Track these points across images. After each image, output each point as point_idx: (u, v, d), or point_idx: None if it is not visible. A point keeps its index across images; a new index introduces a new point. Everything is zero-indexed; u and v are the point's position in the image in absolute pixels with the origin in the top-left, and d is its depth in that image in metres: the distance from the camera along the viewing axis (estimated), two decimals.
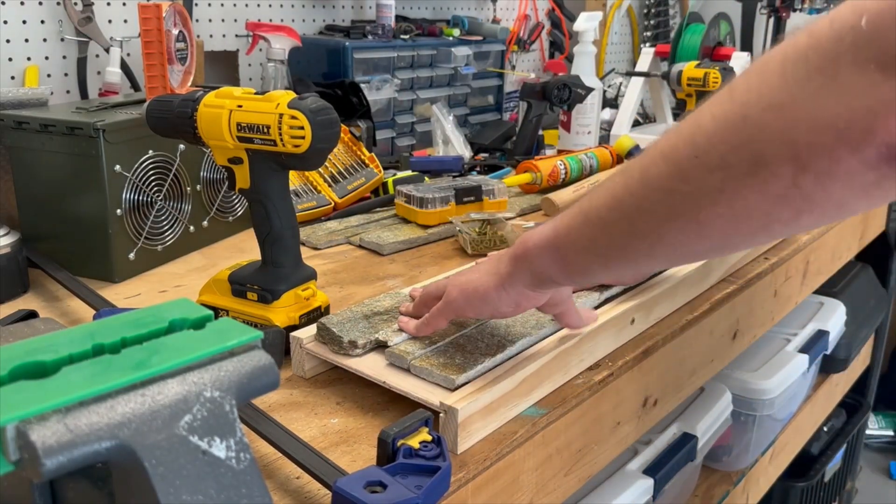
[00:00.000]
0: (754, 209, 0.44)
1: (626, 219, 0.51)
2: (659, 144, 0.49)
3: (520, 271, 0.60)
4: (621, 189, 0.51)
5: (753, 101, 0.43)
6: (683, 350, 0.88)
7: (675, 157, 0.47)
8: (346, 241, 1.09)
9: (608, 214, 0.52)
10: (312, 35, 1.63)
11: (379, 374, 0.65)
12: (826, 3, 2.01)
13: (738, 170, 0.43)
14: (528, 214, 1.27)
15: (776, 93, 0.42)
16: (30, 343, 0.35)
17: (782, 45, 0.43)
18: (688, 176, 0.46)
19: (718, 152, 0.44)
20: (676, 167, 0.47)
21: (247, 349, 0.38)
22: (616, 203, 0.52)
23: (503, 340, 0.68)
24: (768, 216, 0.45)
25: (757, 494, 1.43)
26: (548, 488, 0.69)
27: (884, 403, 2.45)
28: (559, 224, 0.57)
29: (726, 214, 0.46)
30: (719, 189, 0.45)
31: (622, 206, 0.51)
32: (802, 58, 0.41)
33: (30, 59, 1.23)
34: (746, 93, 0.43)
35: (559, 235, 0.57)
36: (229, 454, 0.34)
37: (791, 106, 0.41)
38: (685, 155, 0.46)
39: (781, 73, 0.42)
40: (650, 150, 0.50)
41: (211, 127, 0.72)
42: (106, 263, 0.91)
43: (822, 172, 0.41)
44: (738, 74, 0.46)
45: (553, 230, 0.58)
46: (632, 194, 0.50)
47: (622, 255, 0.54)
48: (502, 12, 2.12)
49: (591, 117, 1.61)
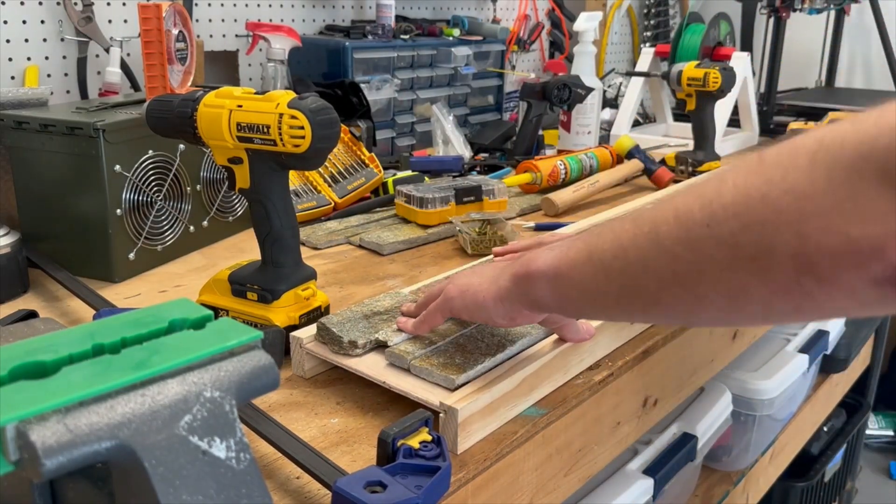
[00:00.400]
0: (754, 294, 0.43)
1: (628, 271, 0.50)
2: (676, 200, 0.47)
3: (519, 290, 0.60)
4: (629, 239, 0.50)
5: (778, 179, 0.41)
6: (683, 350, 0.89)
7: (688, 222, 0.45)
8: (346, 241, 1.09)
9: (612, 262, 0.51)
10: (312, 35, 1.63)
11: (379, 374, 0.65)
12: (826, 3, 2.01)
13: (745, 251, 0.42)
14: (528, 214, 1.27)
15: (800, 177, 0.40)
16: (30, 343, 0.35)
17: (823, 130, 0.41)
18: (696, 245, 0.45)
19: (730, 227, 0.42)
20: (686, 233, 0.45)
21: (247, 349, 0.38)
22: (621, 252, 0.50)
23: (503, 340, 0.68)
24: (768, 305, 0.43)
25: (757, 494, 1.43)
26: (548, 488, 0.69)
27: (884, 403, 2.45)
28: (563, 256, 0.56)
29: (726, 294, 0.44)
30: (723, 267, 0.43)
31: (626, 256, 0.50)
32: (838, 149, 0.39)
33: (30, 59, 1.23)
34: (774, 167, 0.41)
35: (561, 268, 0.55)
36: (229, 454, 0.34)
37: (811, 197, 0.39)
38: (698, 221, 0.44)
39: (811, 159, 0.40)
40: (666, 204, 0.48)
41: (211, 127, 0.72)
42: (106, 263, 0.91)
43: (825, 277, 0.39)
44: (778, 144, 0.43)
45: (557, 260, 0.56)
46: (638, 248, 0.49)
47: (617, 306, 0.53)
48: (502, 12, 2.12)
49: (591, 117, 1.61)
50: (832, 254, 0.39)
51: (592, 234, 0.54)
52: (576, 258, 0.55)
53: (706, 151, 1.48)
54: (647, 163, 1.44)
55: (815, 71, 2.51)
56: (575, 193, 1.27)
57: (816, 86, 2.51)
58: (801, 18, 2.08)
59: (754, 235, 0.41)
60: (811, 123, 1.82)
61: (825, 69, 2.50)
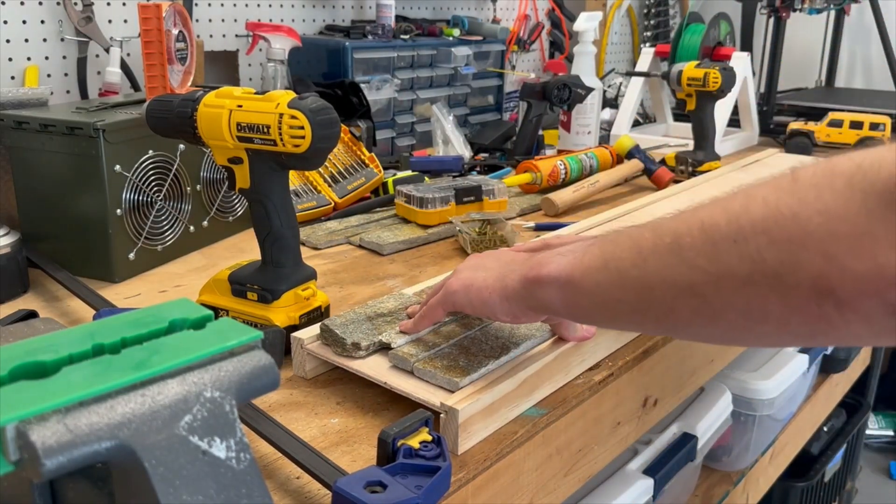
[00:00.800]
0: (771, 313, 0.43)
1: (645, 281, 0.49)
2: (700, 213, 0.47)
3: (527, 293, 0.59)
4: (648, 249, 0.49)
5: (811, 199, 0.41)
6: (683, 350, 0.89)
7: (714, 236, 0.45)
8: (346, 241, 1.09)
9: (629, 270, 0.50)
10: (312, 35, 1.63)
11: (381, 376, 0.65)
12: (826, 3, 2.01)
13: (767, 267, 0.42)
14: (528, 214, 1.27)
15: (836, 199, 0.40)
16: (30, 343, 0.35)
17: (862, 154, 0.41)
18: (718, 258, 0.44)
19: (756, 243, 0.42)
20: (712, 246, 0.45)
21: (247, 349, 0.38)
22: (640, 261, 0.50)
23: (507, 343, 0.68)
24: (784, 325, 0.43)
25: (757, 494, 1.43)
26: (548, 488, 0.69)
27: (884, 403, 2.45)
28: (577, 263, 0.55)
29: (743, 309, 0.44)
30: (743, 281, 0.43)
31: (645, 265, 0.49)
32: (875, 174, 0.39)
33: (30, 59, 1.23)
34: (808, 188, 0.41)
35: (574, 276, 0.55)
36: (229, 454, 0.34)
37: (843, 219, 0.39)
38: (724, 235, 0.44)
39: (848, 182, 0.40)
40: (689, 216, 0.48)
41: (211, 127, 0.71)
42: (106, 263, 0.91)
43: (845, 302, 0.40)
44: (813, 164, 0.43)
45: (571, 266, 0.55)
46: (658, 258, 0.48)
47: (630, 317, 0.52)
48: (502, 12, 2.12)
49: (591, 117, 1.61)
50: (856, 277, 0.39)
51: (608, 241, 0.54)
52: (590, 265, 0.54)
53: (706, 151, 1.48)
54: (647, 163, 1.44)
55: (815, 71, 2.51)
56: (575, 193, 1.27)
57: (816, 86, 2.51)
58: (801, 18, 2.08)
59: (780, 252, 0.41)
60: (811, 123, 1.82)
61: (825, 69, 2.50)
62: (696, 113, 1.48)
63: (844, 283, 0.39)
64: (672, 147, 1.69)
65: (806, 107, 2.05)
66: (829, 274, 0.40)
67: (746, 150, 1.82)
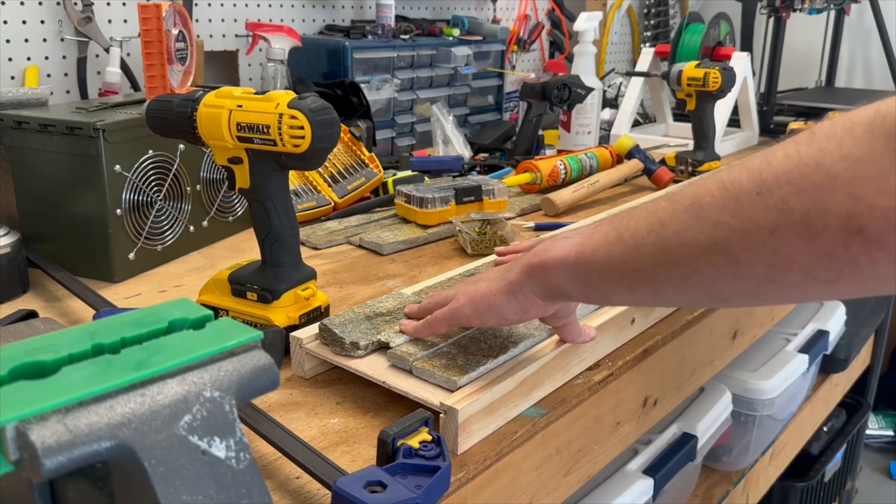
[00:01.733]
0: (796, 261, 0.44)
1: (664, 243, 0.50)
2: (719, 175, 0.48)
3: (532, 280, 0.59)
4: (667, 213, 0.50)
5: (832, 148, 0.42)
6: (683, 350, 0.89)
7: (735, 190, 0.46)
8: (346, 241, 1.09)
9: (646, 237, 0.51)
10: (312, 35, 1.63)
11: (380, 375, 0.65)
12: (826, 3, 2.01)
13: (794, 215, 0.43)
14: (528, 214, 1.27)
15: (858, 145, 0.41)
16: (30, 343, 0.35)
17: (877, 104, 0.42)
18: (742, 211, 0.45)
19: (781, 193, 0.43)
20: (734, 200, 0.46)
21: (246, 349, 0.38)
22: (658, 226, 0.50)
23: (506, 342, 0.68)
24: (809, 273, 0.44)
25: (757, 494, 1.43)
26: (548, 488, 0.69)
27: (884, 403, 2.45)
28: (586, 242, 0.55)
29: (767, 260, 0.45)
30: (769, 231, 0.44)
31: (664, 229, 0.50)
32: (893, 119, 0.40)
33: (30, 59, 1.23)
34: (827, 139, 0.43)
35: (584, 253, 0.55)
36: (229, 454, 0.34)
37: (867, 161, 0.41)
38: (746, 189, 0.45)
39: (868, 128, 0.41)
40: (707, 180, 0.48)
41: (211, 127, 0.72)
42: (106, 263, 0.91)
43: (873, 239, 0.40)
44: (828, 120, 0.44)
45: (579, 247, 0.56)
46: (677, 221, 0.49)
47: (649, 282, 0.52)
48: (502, 12, 2.12)
49: (591, 117, 1.61)
50: (885, 214, 0.40)
51: (619, 217, 0.54)
52: (601, 240, 0.54)
53: (706, 151, 1.48)
54: (647, 163, 1.44)
55: (815, 71, 2.51)
56: (575, 193, 1.27)
57: (816, 86, 2.51)
58: (801, 18, 2.08)
59: (806, 199, 0.42)
60: (811, 123, 1.82)
61: (825, 69, 2.50)
62: (696, 113, 1.48)
63: (874, 220, 0.40)
64: (672, 147, 1.69)
65: (806, 107, 2.05)
66: (859, 213, 0.41)
67: (746, 150, 1.82)
